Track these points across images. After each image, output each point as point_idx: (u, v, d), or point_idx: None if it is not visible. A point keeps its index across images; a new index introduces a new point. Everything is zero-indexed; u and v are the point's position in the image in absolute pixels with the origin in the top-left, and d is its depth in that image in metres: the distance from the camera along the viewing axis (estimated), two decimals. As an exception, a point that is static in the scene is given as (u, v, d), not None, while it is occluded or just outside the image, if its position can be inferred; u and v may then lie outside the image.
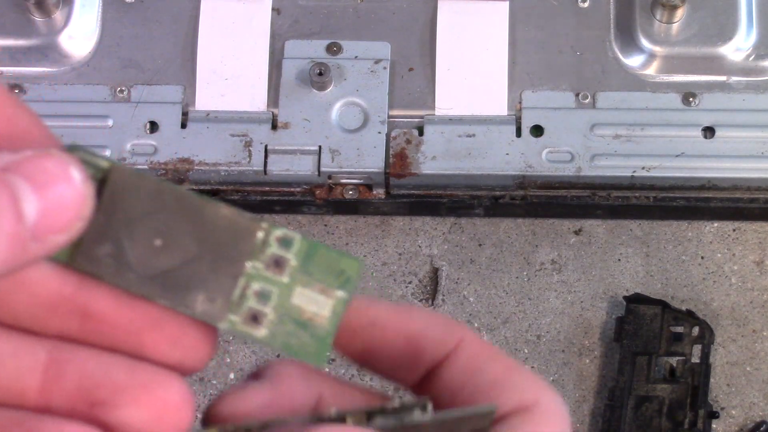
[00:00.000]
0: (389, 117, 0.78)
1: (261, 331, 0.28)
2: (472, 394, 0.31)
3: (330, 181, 0.78)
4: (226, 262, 0.28)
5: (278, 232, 0.28)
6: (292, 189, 0.78)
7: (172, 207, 0.28)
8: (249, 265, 0.28)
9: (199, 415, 0.31)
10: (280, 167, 0.77)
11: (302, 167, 0.77)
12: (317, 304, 0.29)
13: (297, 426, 0.28)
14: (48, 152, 0.27)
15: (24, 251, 0.26)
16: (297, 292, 0.28)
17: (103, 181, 0.28)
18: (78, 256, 0.28)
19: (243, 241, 0.28)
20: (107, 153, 0.77)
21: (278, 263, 0.28)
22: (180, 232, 0.28)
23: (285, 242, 0.28)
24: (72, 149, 0.28)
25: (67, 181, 0.27)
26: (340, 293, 0.29)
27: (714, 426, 0.77)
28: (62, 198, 0.26)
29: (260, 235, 0.28)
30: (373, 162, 0.77)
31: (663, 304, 0.77)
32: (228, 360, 0.80)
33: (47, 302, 0.28)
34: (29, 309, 0.28)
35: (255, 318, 0.28)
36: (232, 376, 0.80)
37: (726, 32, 0.79)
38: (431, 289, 0.81)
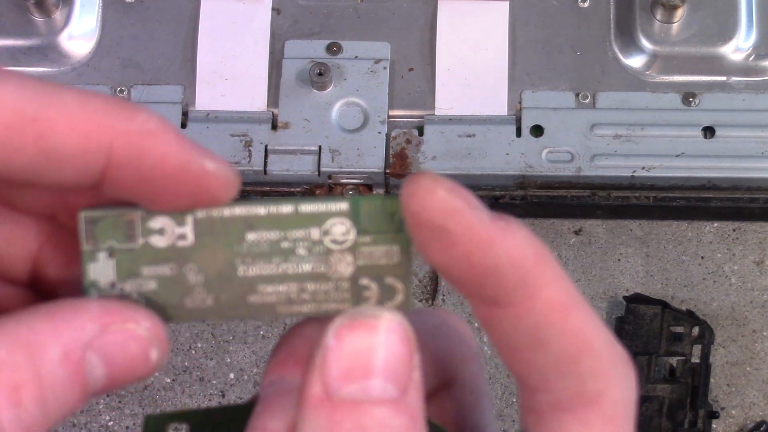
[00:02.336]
0: (389, 117, 0.78)
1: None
2: (529, 365, 0.27)
3: (330, 181, 0.78)
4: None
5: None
6: (292, 189, 0.78)
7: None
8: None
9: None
10: (280, 167, 0.77)
11: (302, 167, 0.77)
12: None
13: None
14: (136, 327, 0.26)
15: (73, 411, 0.26)
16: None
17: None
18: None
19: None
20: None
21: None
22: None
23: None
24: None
25: (144, 364, 0.27)
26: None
27: (714, 426, 0.77)
28: (131, 376, 0.26)
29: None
30: (373, 162, 0.77)
31: (663, 304, 0.77)
32: (228, 360, 0.80)
33: None
34: None
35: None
36: (232, 375, 0.80)
37: (726, 32, 0.79)
38: (431, 289, 0.81)
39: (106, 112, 0.26)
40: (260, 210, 0.29)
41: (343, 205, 0.28)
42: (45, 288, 0.30)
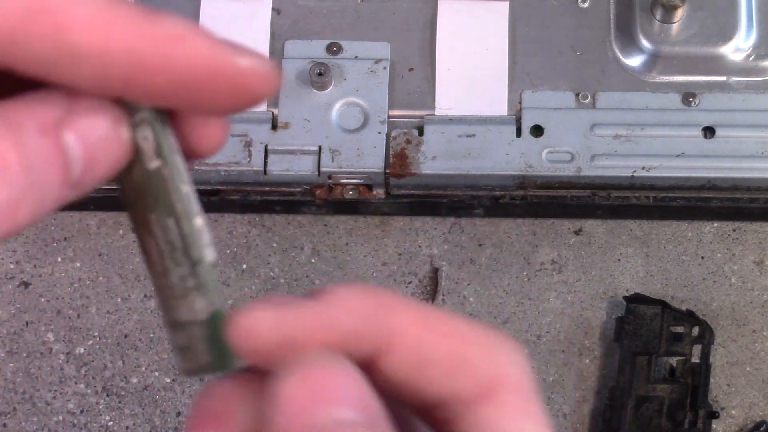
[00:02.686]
0: (389, 117, 0.78)
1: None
2: (423, 387, 0.27)
3: (330, 181, 0.78)
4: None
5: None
6: (292, 189, 0.78)
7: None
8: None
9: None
10: (280, 167, 0.77)
11: (302, 167, 0.77)
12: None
13: None
14: (102, 108, 0.26)
15: (63, 200, 0.26)
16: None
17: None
18: None
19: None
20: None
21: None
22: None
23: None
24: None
25: (117, 142, 0.26)
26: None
27: (714, 426, 0.77)
28: (107, 158, 0.26)
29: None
30: (373, 162, 0.77)
31: (663, 304, 0.77)
32: (228, 360, 0.80)
33: None
34: None
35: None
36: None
37: (726, 32, 0.79)
38: (431, 289, 0.81)
39: (130, 14, 0.25)
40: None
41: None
42: None
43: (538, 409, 0.28)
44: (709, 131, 0.78)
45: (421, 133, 0.78)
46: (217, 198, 0.79)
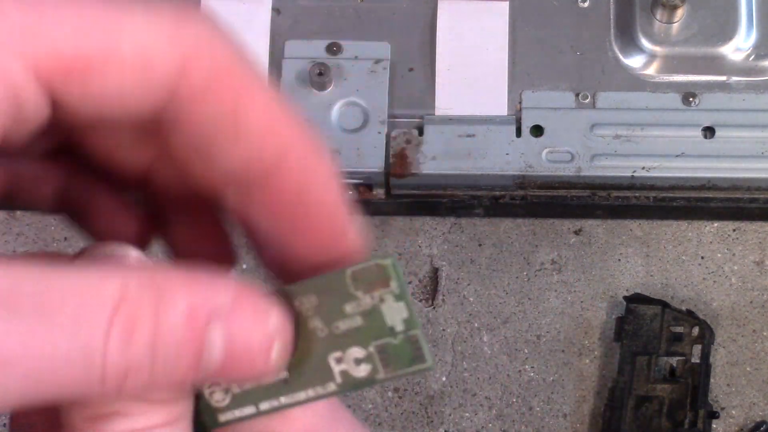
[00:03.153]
0: (389, 117, 0.78)
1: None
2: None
3: (330, 181, 0.78)
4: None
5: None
6: (292, 189, 0.78)
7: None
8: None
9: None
10: (280, 167, 0.77)
11: (302, 167, 0.77)
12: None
13: None
14: (267, 313, 0.26)
15: (181, 388, 0.26)
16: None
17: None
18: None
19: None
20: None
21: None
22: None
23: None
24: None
25: (264, 359, 0.26)
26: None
27: (714, 426, 0.77)
28: (248, 371, 0.26)
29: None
30: (373, 162, 0.77)
31: (663, 304, 0.77)
32: (228, 360, 0.80)
33: None
34: None
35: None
36: (232, 376, 0.80)
37: (726, 32, 0.79)
38: (431, 289, 0.81)
39: (287, 116, 0.27)
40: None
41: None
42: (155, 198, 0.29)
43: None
44: (709, 131, 0.78)
45: (421, 133, 0.78)
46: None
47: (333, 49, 0.80)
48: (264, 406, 0.28)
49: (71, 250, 0.83)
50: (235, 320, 0.25)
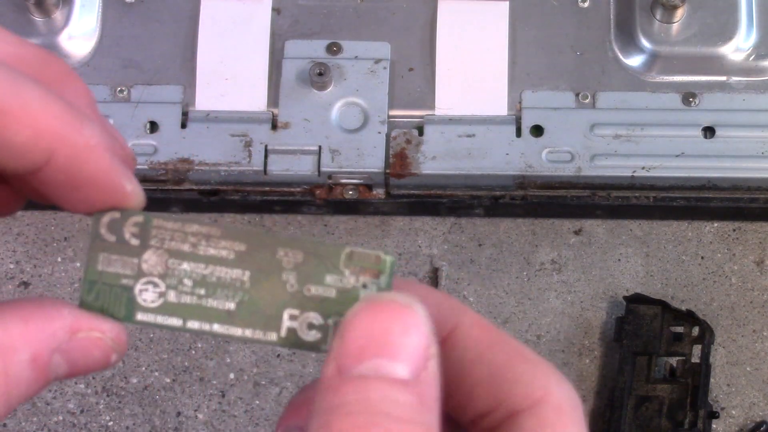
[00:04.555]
0: (389, 117, 0.78)
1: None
2: (472, 388, 0.29)
3: (330, 181, 0.78)
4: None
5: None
6: (292, 189, 0.78)
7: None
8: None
9: (201, 416, 0.31)
10: (280, 167, 0.77)
11: (302, 167, 0.77)
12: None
13: None
14: (101, 337, 0.30)
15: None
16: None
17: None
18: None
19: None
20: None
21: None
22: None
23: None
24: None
25: (104, 364, 0.30)
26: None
27: (714, 426, 0.77)
28: (90, 370, 0.30)
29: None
30: (373, 162, 0.77)
31: (663, 304, 0.77)
32: (228, 360, 0.80)
33: None
34: None
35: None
36: (232, 375, 0.80)
37: (726, 32, 0.79)
38: (431, 289, 0.81)
39: (61, 118, 0.29)
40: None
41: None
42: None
43: (580, 429, 0.30)
44: (709, 131, 0.78)
45: (421, 133, 0.78)
46: (217, 198, 0.79)
47: (333, 49, 0.80)
48: (192, 324, 0.30)
49: (71, 250, 0.83)
50: (73, 346, 0.29)
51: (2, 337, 0.27)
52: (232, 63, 0.79)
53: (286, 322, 0.30)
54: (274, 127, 0.78)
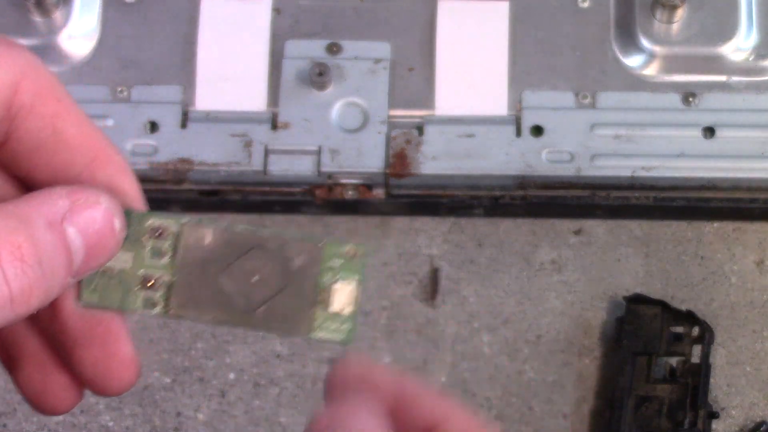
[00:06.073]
0: (389, 117, 0.78)
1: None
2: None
3: (330, 181, 0.78)
4: (305, 283, 0.33)
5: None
6: (292, 189, 0.78)
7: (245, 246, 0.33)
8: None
9: (201, 416, 0.32)
10: (280, 167, 0.77)
11: (302, 167, 0.77)
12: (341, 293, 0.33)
13: None
14: (97, 202, 0.32)
15: (66, 287, 0.31)
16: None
17: (177, 238, 0.33)
18: (173, 307, 0.33)
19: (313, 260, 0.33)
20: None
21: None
22: (262, 266, 0.33)
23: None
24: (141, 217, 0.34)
25: (111, 234, 0.32)
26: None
27: (714, 426, 0.77)
28: (104, 249, 0.32)
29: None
30: (373, 162, 0.77)
31: (663, 304, 0.77)
32: (228, 360, 0.80)
33: None
34: None
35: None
36: (232, 375, 0.80)
37: (726, 32, 0.79)
38: (431, 289, 0.81)
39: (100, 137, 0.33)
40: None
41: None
42: None
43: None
44: (709, 131, 0.78)
45: (421, 133, 0.78)
46: (217, 198, 0.79)
47: (333, 49, 0.80)
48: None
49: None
50: (79, 213, 0.31)
51: (17, 210, 0.29)
52: (232, 63, 0.79)
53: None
54: (274, 127, 0.78)
